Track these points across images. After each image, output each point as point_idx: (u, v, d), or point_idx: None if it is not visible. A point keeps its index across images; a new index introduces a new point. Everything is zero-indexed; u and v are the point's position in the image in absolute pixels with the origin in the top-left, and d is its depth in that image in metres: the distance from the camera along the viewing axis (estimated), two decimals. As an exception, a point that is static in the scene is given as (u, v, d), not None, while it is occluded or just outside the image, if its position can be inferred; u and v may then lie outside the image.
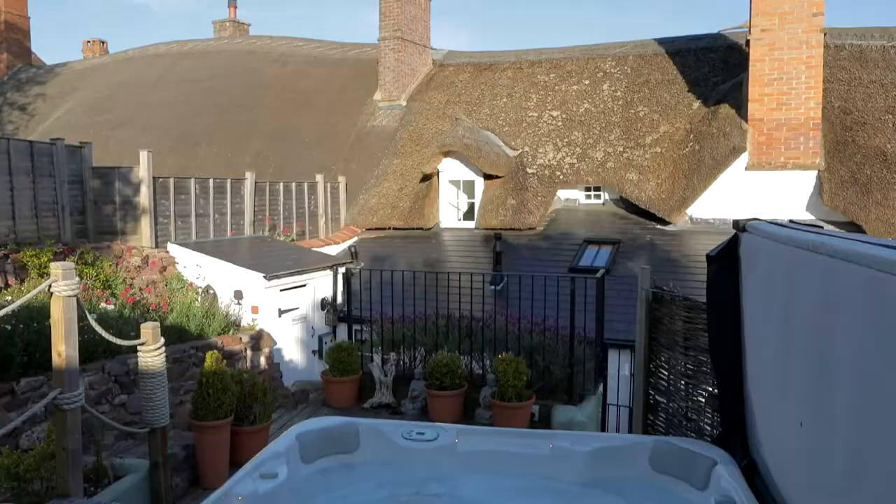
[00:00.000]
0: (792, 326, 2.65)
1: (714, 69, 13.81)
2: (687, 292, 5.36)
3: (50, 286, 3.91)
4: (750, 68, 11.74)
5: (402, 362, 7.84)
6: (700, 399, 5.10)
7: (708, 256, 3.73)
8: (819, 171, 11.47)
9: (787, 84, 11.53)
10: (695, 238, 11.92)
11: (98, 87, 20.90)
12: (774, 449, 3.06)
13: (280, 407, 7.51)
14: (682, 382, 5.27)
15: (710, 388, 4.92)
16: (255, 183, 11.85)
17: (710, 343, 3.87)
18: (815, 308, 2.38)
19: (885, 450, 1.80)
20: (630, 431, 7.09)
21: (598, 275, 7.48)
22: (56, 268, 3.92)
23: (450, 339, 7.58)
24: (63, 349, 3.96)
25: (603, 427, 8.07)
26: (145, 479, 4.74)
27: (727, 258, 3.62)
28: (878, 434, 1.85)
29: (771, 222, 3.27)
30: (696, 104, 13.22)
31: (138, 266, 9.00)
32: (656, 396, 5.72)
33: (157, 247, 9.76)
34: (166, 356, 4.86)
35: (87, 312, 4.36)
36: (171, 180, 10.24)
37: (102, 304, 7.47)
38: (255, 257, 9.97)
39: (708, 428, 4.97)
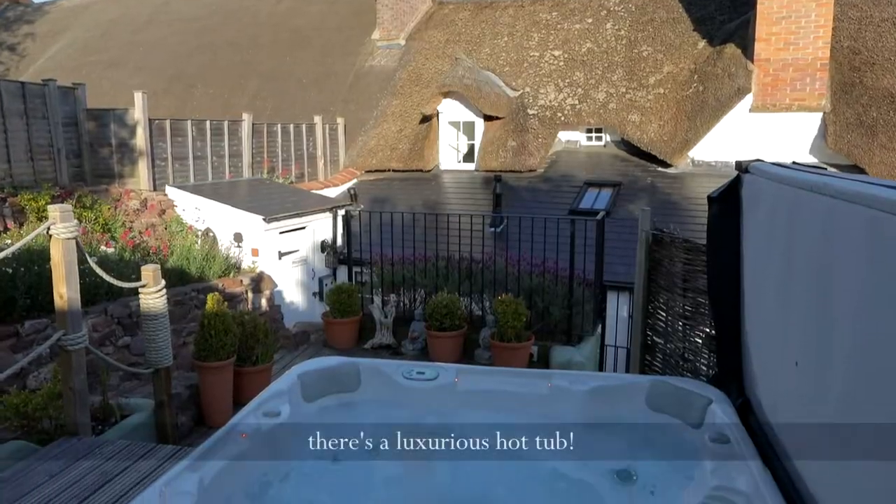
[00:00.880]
0: (792, 267, 2.65)
1: (721, 7, 13.44)
2: (687, 235, 5.36)
3: (49, 229, 3.90)
4: (758, 6, 11.42)
5: (402, 304, 7.90)
6: (697, 340, 5.16)
7: (709, 198, 3.70)
8: (824, 113, 11.30)
9: (795, 23, 11.23)
10: (696, 181, 11.84)
11: (88, 25, 20.39)
12: (769, 388, 3.10)
13: (281, 348, 7.61)
14: (680, 324, 5.32)
15: (708, 330, 4.97)
16: (253, 125, 11.69)
17: (708, 284, 3.89)
18: (816, 249, 2.37)
19: (880, 389, 1.83)
20: (627, 372, 7.20)
21: (598, 217, 7.46)
22: (54, 210, 3.90)
23: (450, 281, 7.62)
24: (64, 291, 3.98)
25: (601, 367, 8.20)
26: (151, 417, 4.83)
27: (728, 200, 3.59)
28: (874, 374, 1.87)
29: (774, 164, 3.23)
30: (702, 44, 12.93)
31: (137, 209, 8.97)
32: (654, 337, 5.78)
33: (155, 190, 9.70)
34: (168, 298, 4.89)
35: (86, 255, 4.36)
36: (168, 122, 10.10)
37: (102, 248, 7.48)
38: (254, 200, 9.92)
39: (704, 368, 5.04)
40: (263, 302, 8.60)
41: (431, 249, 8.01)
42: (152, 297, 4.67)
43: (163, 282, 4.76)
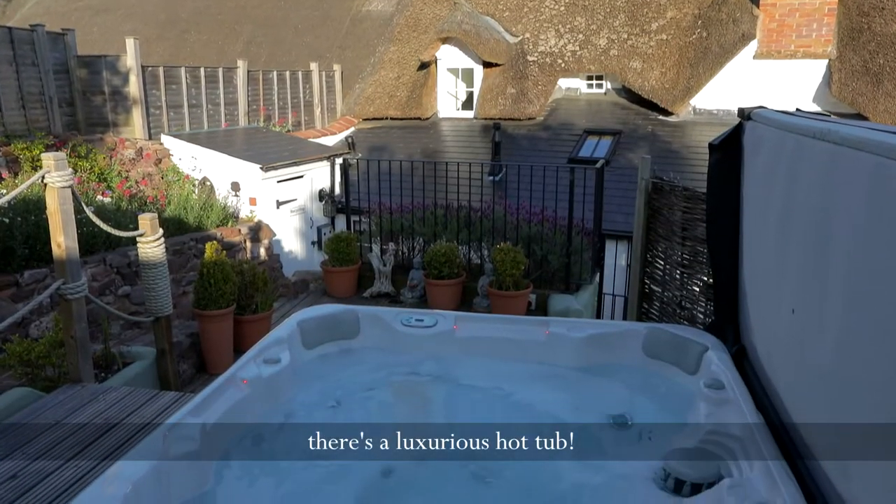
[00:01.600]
0: (791, 215, 2.63)
1: (727, -53, 13.04)
2: (687, 184, 5.32)
3: (43, 177, 3.86)
4: (765, -53, 11.10)
5: (400, 252, 7.91)
6: (695, 288, 5.19)
7: (710, 145, 3.67)
8: (830, 60, 11.09)
9: (803, -36, 10.94)
10: (697, 129, 11.72)
11: (77, -32, 19.81)
12: (765, 335, 3.13)
13: (281, 297, 7.65)
14: (678, 272, 5.34)
15: (706, 278, 4.99)
16: (248, 72, 11.49)
17: (707, 232, 3.88)
18: (817, 196, 2.35)
19: (875, 336, 1.84)
20: (625, 320, 7.27)
21: (598, 165, 7.40)
22: (48, 158, 3.86)
23: (448, 230, 7.61)
24: (62, 240, 3.97)
25: (598, 316, 8.28)
26: (153, 365, 4.89)
27: (729, 147, 3.56)
28: (870, 320, 1.88)
29: (776, 111, 3.19)
30: (707, -14, 12.60)
31: (132, 158, 8.89)
32: (651, 286, 5.81)
33: (150, 139, 9.59)
34: (166, 248, 4.89)
35: (83, 205, 4.34)
36: (161, 69, 9.91)
37: (99, 197, 7.44)
38: (250, 148, 9.83)
39: (701, 316, 5.08)
40: (262, 251, 8.61)
41: (430, 198, 7.97)
42: (150, 246, 4.67)
43: (161, 231, 4.75)
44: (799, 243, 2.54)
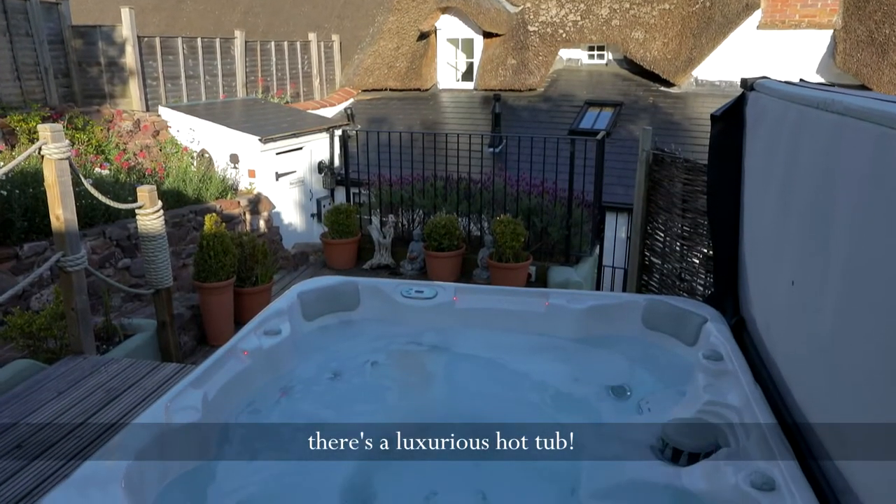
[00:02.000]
0: (793, 186, 2.62)
1: (732, -86, 12.80)
2: (688, 156, 5.29)
3: (40, 149, 3.84)
4: (771, -88, 10.89)
5: (400, 224, 7.90)
6: (695, 260, 5.19)
7: (712, 116, 3.63)
8: (835, 30, 10.95)
9: (810, -69, 10.75)
10: (699, 100, 11.62)
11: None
12: (764, 307, 3.14)
13: (281, 269, 7.66)
14: (678, 244, 5.33)
15: (706, 250, 4.99)
16: (246, 42, 11.35)
17: (708, 204, 3.87)
18: (819, 167, 2.34)
19: (874, 309, 1.84)
20: (624, 292, 7.28)
21: (599, 137, 7.35)
22: (44, 130, 3.83)
23: (448, 201, 7.59)
24: (61, 213, 3.96)
25: (598, 288, 8.29)
26: (154, 337, 4.91)
27: (732, 118, 3.53)
28: (869, 293, 1.88)
29: (780, 82, 3.15)
30: (711, -46, 12.39)
31: (130, 130, 8.82)
32: (651, 258, 5.81)
33: (147, 110, 9.51)
34: (165, 220, 4.87)
35: (81, 177, 4.32)
36: (157, 40, 9.80)
37: (97, 170, 7.40)
38: (249, 120, 9.75)
39: (700, 288, 5.09)
40: (262, 223, 8.59)
41: (430, 170, 7.94)
42: (150, 218, 4.65)
43: (159, 203, 4.73)
44: (800, 214, 2.53)
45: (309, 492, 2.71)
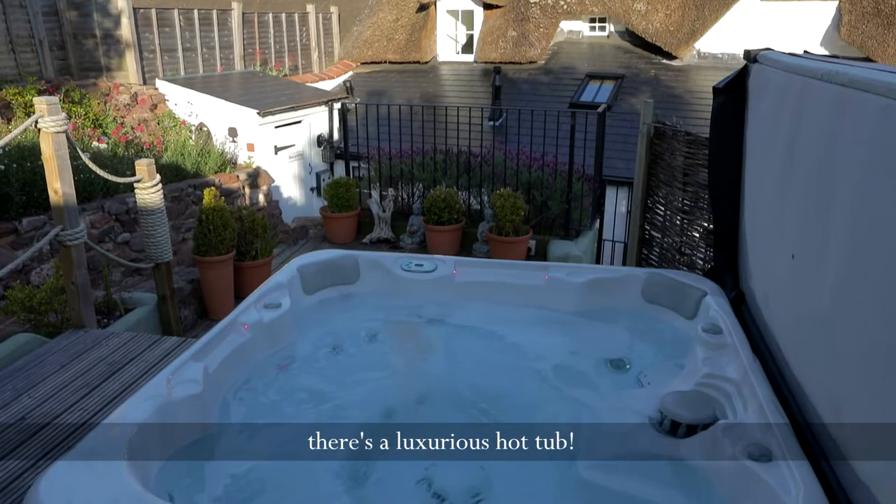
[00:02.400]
0: (794, 159, 2.60)
1: None
2: (689, 129, 5.26)
3: (37, 122, 3.80)
4: None
5: (400, 198, 7.88)
6: (695, 234, 5.18)
7: (714, 89, 3.60)
8: (839, 1, 10.81)
9: None
10: (701, 73, 11.51)
11: None
12: (764, 281, 3.14)
13: (281, 243, 7.66)
14: (679, 218, 5.32)
15: (706, 224, 4.98)
16: (243, 14, 11.20)
17: (709, 177, 3.85)
18: (822, 139, 2.32)
19: (875, 280, 1.84)
20: (624, 266, 7.29)
21: (600, 110, 7.30)
22: (40, 103, 3.79)
23: (448, 175, 7.56)
24: (58, 186, 3.94)
25: (598, 262, 8.30)
26: (154, 311, 4.92)
27: (734, 90, 3.49)
28: (869, 265, 1.88)
29: (784, 53, 3.11)
30: (715, -78, 12.17)
31: (127, 104, 8.75)
32: (651, 232, 5.81)
33: (144, 83, 9.43)
34: (164, 195, 4.86)
35: (79, 150, 4.29)
36: (153, 11, 9.67)
37: (94, 144, 7.36)
38: (247, 93, 9.67)
39: (700, 262, 5.09)
40: (261, 197, 8.57)
41: (429, 143, 7.89)
42: (148, 192, 4.64)
43: (158, 177, 4.71)
44: (802, 188, 2.52)
45: (309, 461, 2.73)
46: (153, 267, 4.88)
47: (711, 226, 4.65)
